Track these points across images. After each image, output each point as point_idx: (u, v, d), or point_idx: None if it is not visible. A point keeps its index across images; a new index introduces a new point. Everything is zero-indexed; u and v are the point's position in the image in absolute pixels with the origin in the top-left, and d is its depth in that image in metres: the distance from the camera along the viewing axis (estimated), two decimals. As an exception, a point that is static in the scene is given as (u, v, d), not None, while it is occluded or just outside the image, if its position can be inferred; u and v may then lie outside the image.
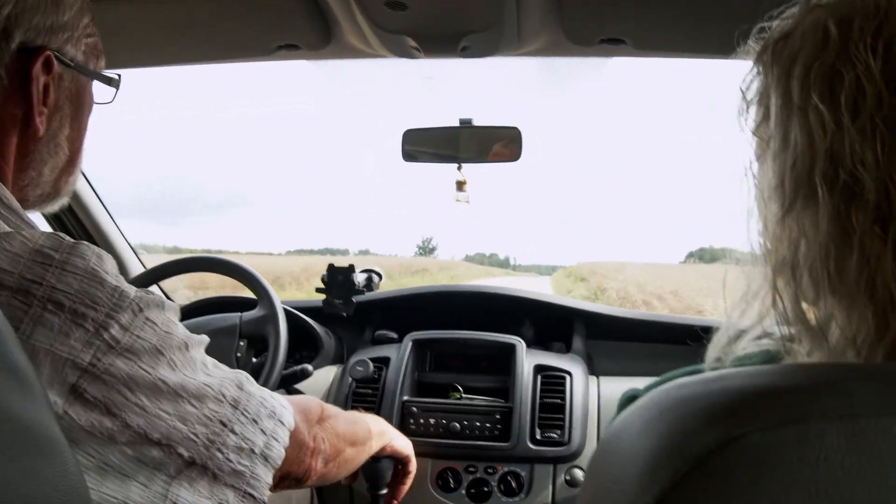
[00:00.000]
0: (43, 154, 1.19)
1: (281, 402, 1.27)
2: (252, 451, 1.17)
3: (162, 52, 2.08)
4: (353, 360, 2.47)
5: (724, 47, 1.56)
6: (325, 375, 2.53)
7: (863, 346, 0.78)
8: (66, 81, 1.19)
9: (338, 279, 2.55)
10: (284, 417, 1.25)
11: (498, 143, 2.27)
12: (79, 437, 0.99)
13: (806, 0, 0.87)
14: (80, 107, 1.24)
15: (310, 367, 2.28)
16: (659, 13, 1.74)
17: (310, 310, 2.69)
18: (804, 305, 0.83)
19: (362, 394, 2.41)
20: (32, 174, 1.19)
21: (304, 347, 2.66)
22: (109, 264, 1.06)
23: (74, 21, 1.18)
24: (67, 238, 1.04)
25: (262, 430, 1.19)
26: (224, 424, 1.13)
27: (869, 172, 0.74)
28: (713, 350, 0.95)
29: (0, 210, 1.08)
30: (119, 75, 1.32)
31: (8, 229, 1.03)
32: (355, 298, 2.56)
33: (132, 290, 1.05)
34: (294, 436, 1.28)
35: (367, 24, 1.76)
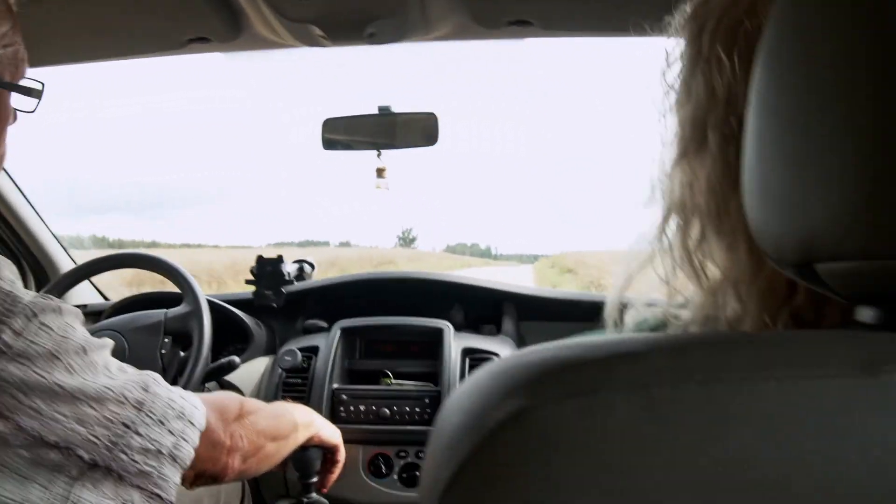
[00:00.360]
0: None
1: (192, 402, 1.26)
2: (159, 451, 1.16)
3: (71, 49, 2.06)
4: (282, 350, 2.48)
5: (629, 25, 1.58)
6: (256, 367, 2.52)
7: (740, 286, 0.80)
8: None
9: (267, 270, 2.56)
10: (195, 417, 1.25)
11: (415, 129, 2.28)
12: None
13: None
14: None
15: (236, 359, 2.28)
16: None
17: (241, 302, 2.68)
18: (690, 246, 0.86)
19: (292, 384, 2.41)
20: None
21: (235, 340, 2.65)
22: (6, 270, 1.05)
23: None
24: None
25: (169, 430, 1.18)
26: (127, 426, 1.12)
27: None
28: (610, 302, 0.97)
29: None
30: (42, 84, 1.29)
31: None
32: (285, 289, 2.56)
33: (27, 296, 1.05)
34: (207, 435, 1.27)
35: (273, 14, 1.76)
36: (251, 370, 2.48)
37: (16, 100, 1.26)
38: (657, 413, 0.52)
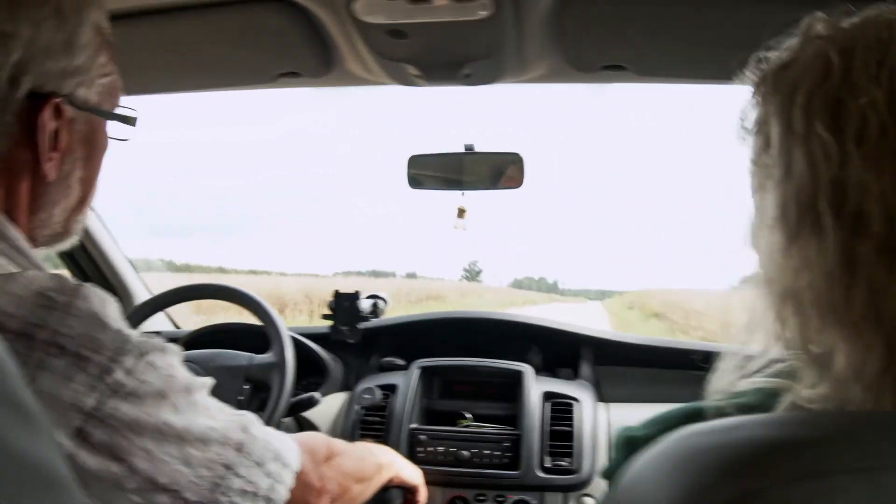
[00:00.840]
0: (54, 196, 1.16)
1: (286, 445, 1.25)
2: (256, 493, 1.15)
3: (164, 79, 2.08)
4: (360, 387, 2.46)
5: (723, 72, 1.56)
6: (332, 403, 2.51)
7: (870, 378, 0.76)
8: (78, 124, 1.16)
9: (344, 305, 2.54)
10: (289, 459, 1.24)
11: (501, 169, 2.26)
12: (88, 481, 0.97)
13: (805, 30, 0.87)
14: (93, 148, 1.21)
15: (318, 396, 2.27)
16: (658, 40, 1.74)
17: (317, 336, 2.68)
18: (809, 336, 0.82)
19: (370, 421, 2.39)
20: (43, 216, 1.16)
21: (312, 374, 2.64)
22: (111, 308, 1.05)
23: (88, 63, 1.15)
24: (70, 280, 1.03)
25: (266, 472, 1.17)
26: (228, 468, 1.11)
27: (874, 202, 0.74)
28: (719, 380, 0.94)
29: (8, 252, 1.07)
30: (135, 114, 1.29)
31: (13, 270, 1.02)
32: (361, 325, 2.55)
33: (135, 335, 1.04)
34: (299, 477, 1.26)
35: (369, 52, 1.76)
36: (328, 406, 2.47)
37: (111, 128, 1.26)
38: (886, 497, 0.50)
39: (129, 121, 1.27)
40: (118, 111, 1.26)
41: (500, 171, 2.27)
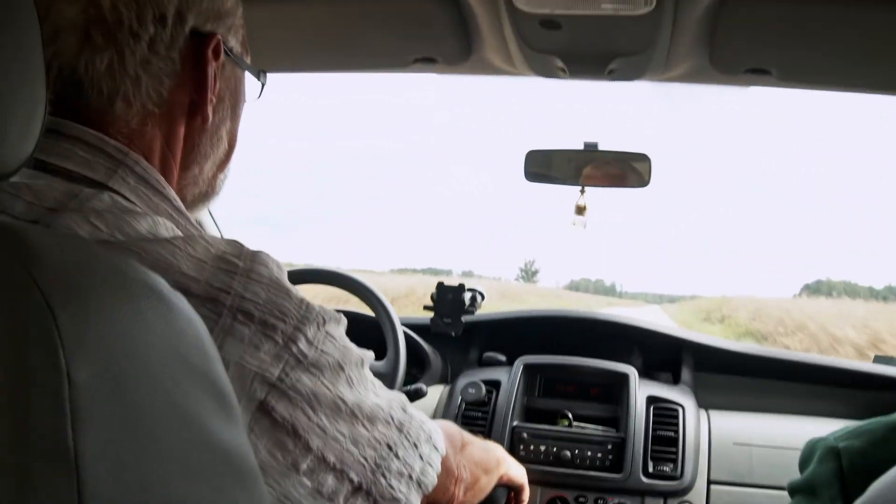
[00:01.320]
0: (206, 148, 1.15)
1: (435, 427, 1.23)
2: (410, 476, 1.12)
3: (300, 58, 2.08)
4: (463, 381, 2.45)
5: (868, 81, 1.52)
6: (432, 395, 2.50)
7: None
8: (227, 70, 1.16)
9: (447, 298, 2.52)
10: (439, 442, 1.21)
11: (625, 169, 2.24)
12: (263, 466, 0.95)
13: None
14: (237, 99, 1.21)
15: (424, 388, 2.26)
16: (810, 45, 1.70)
17: (418, 327, 2.66)
18: None
19: (472, 416, 2.37)
20: (195, 170, 1.15)
21: (413, 365, 2.63)
22: (286, 275, 1.03)
23: (234, 9, 1.15)
24: (246, 245, 1.01)
25: (420, 454, 1.15)
26: (390, 448, 1.08)
27: None
28: None
29: (170, 212, 1.05)
30: (264, 72, 1.28)
31: (178, 233, 1.00)
32: (463, 318, 2.53)
33: (314, 303, 1.02)
34: (444, 462, 1.23)
35: (516, 41, 1.73)
36: (428, 399, 2.45)
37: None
38: None
39: (261, 77, 1.27)
40: (257, 69, 1.26)
41: (625, 170, 2.24)
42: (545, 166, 2.29)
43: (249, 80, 1.25)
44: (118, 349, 0.64)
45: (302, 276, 2.45)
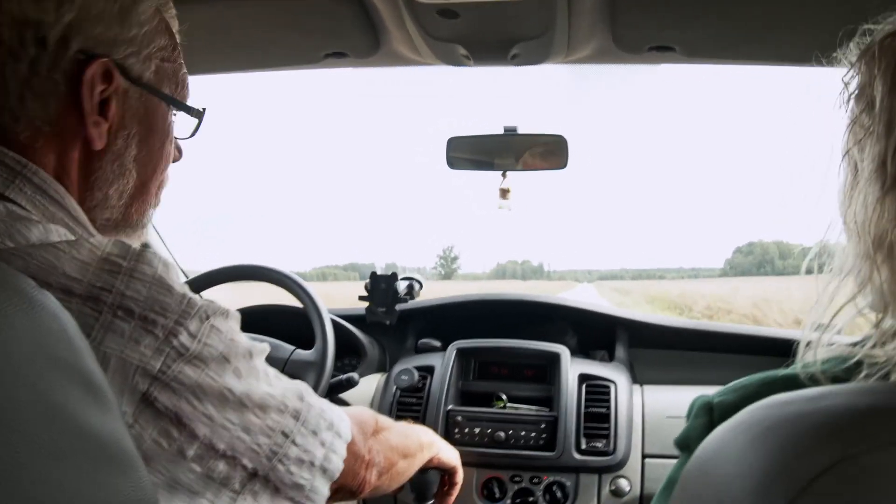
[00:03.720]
0: (107, 172, 1.16)
1: (339, 415, 1.26)
2: (312, 463, 1.16)
3: (211, 60, 2.09)
4: (397, 368, 2.48)
5: (774, 53, 1.56)
6: (369, 384, 2.53)
7: None
8: (132, 99, 1.17)
9: (381, 287, 2.55)
10: (342, 429, 1.25)
11: (543, 151, 2.27)
12: (149, 453, 0.98)
13: None
14: (150, 130, 1.21)
15: (356, 377, 2.27)
16: (710, 20, 1.74)
17: (353, 318, 2.69)
18: None
19: (407, 402, 2.41)
20: (98, 195, 1.16)
21: (348, 355, 2.65)
22: (174, 272, 1.05)
23: (144, 39, 1.16)
24: (133, 246, 1.03)
25: (321, 441, 1.18)
26: (286, 435, 1.12)
27: None
28: (804, 338, 0.96)
29: (67, 221, 1.08)
30: (203, 108, 1.30)
31: (73, 237, 1.02)
32: (398, 307, 2.55)
33: (198, 298, 1.05)
34: (350, 448, 1.27)
35: (418, 31, 1.76)
36: (364, 387, 2.49)
37: (178, 120, 1.27)
38: None
39: (192, 112, 1.28)
40: (183, 101, 1.26)
41: (543, 152, 2.27)
42: (466, 152, 2.32)
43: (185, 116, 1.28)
44: None
45: (227, 273, 2.46)
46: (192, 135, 1.32)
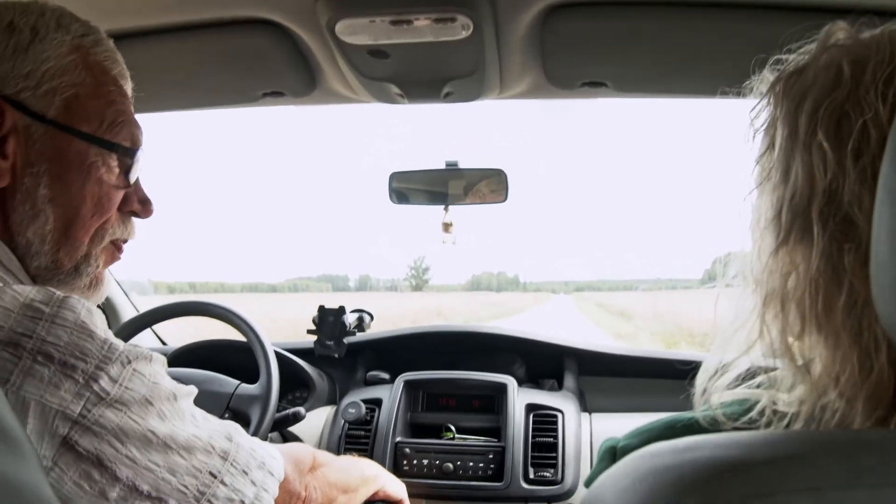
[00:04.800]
0: (20, 214, 1.15)
1: (270, 453, 1.27)
2: (242, 502, 1.17)
3: (151, 98, 2.09)
4: (346, 401, 2.48)
5: (702, 87, 1.58)
6: (318, 417, 2.53)
7: (845, 385, 0.79)
8: (35, 135, 1.15)
9: (329, 320, 2.56)
10: (274, 468, 1.26)
11: (484, 185, 2.29)
12: (69, 495, 0.99)
13: (824, 38, 0.89)
14: (63, 168, 1.18)
15: (302, 411, 2.27)
16: (638, 57, 1.76)
17: (302, 351, 2.70)
18: (790, 340, 0.85)
19: (355, 435, 2.41)
20: (21, 240, 1.15)
21: (298, 388, 2.66)
22: (98, 317, 1.06)
23: (45, 76, 1.15)
24: (58, 292, 1.04)
25: (252, 481, 1.19)
26: (214, 476, 1.13)
27: (864, 215, 0.76)
28: (699, 385, 0.96)
29: None
30: (136, 147, 1.27)
31: None
32: (346, 340, 2.56)
33: (121, 343, 1.06)
34: (284, 486, 1.28)
35: (351, 71, 1.78)
36: (313, 421, 2.49)
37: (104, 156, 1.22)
38: None
39: (119, 149, 1.24)
40: (105, 139, 1.23)
41: (484, 186, 2.30)
42: (408, 187, 2.34)
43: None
44: None
45: (170, 310, 2.46)
46: (127, 177, 1.26)
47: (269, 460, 1.25)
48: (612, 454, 1.01)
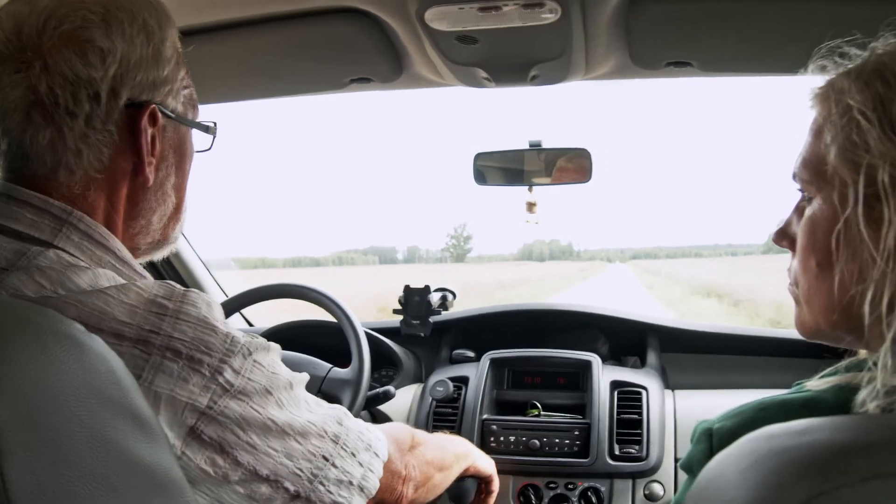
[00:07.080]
0: (152, 203, 1.24)
1: (377, 436, 1.34)
2: (350, 482, 1.23)
3: (239, 87, 2.14)
4: (433, 379, 2.53)
5: (791, 65, 1.58)
6: (405, 395, 2.57)
7: None
8: (169, 132, 1.24)
9: (414, 300, 2.60)
10: (379, 449, 1.32)
11: (568, 164, 2.30)
12: (195, 478, 1.05)
13: None
14: (183, 156, 1.29)
15: (392, 390, 2.31)
16: (725, 36, 1.76)
17: (388, 330, 2.75)
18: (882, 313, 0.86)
19: (443, 413, 2.45)
20: (142, 222, 1.24)
21: (385, 367, 2.72)
22: (217, 311, 1.12)
23: (173, 74, 1.23)
24: (178, 287, 1.11)
25: (359, 462, 1.25)
26: (326, 459, 1.19)
27: None
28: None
29: (114, 262, 1.16)
30: (215, 123, 1.36)
31: (122, 281, 1.09)
32: (432, 318, 2.61)
33: (241, 336, 1.11)
34: (387, 466, 1.34)
35: (439, 57, 1.81)
36: (400, 399, 2.51)
37: (195, 137, 1.35)
38: None
39: (209, 130, 1.35)
40: (201, 123, 1.34)
41: (567, 164, 2.30)
42: (492, 167, 2.36)
43: (197, 133, 1.34)
44: (33, 391, 0.76)
45: (264, 293, 2.52)
46: (209, 148, 1.39)
47: (376, 442, 1.32)
48: (709, 435, 1.03)
